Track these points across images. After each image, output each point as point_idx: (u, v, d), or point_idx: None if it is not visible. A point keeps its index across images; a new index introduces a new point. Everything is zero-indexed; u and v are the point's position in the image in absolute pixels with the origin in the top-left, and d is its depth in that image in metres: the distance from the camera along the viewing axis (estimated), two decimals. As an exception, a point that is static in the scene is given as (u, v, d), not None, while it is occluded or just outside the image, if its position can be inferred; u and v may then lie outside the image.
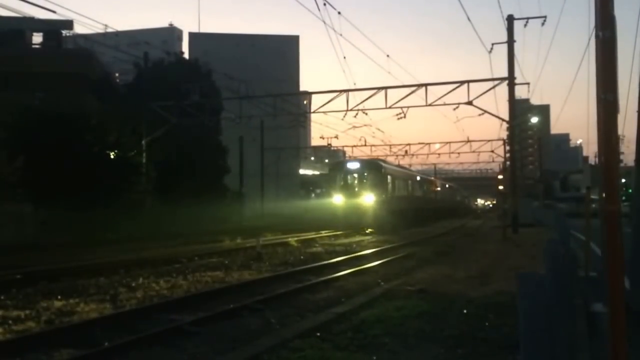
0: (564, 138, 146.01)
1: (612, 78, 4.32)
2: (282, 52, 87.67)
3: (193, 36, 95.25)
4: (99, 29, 27.09)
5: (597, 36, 4.36)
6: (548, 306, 3.10)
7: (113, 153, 28.43)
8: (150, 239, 22.21)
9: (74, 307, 9.12)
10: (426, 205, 45.01)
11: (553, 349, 3.14)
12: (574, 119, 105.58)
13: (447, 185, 64.99)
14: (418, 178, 45.16)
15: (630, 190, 9.88)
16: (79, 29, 77.77)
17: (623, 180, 34.00)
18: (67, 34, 37.65)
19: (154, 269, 13.92)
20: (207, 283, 11.87)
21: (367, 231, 29.14)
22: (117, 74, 38.61)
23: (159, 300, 9.75)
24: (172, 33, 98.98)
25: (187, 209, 29.07)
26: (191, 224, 28.00)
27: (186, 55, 47.82)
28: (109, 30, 25.27)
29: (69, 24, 34.76)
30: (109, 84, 32.73)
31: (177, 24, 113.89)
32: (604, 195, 4.30)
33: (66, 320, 8.26)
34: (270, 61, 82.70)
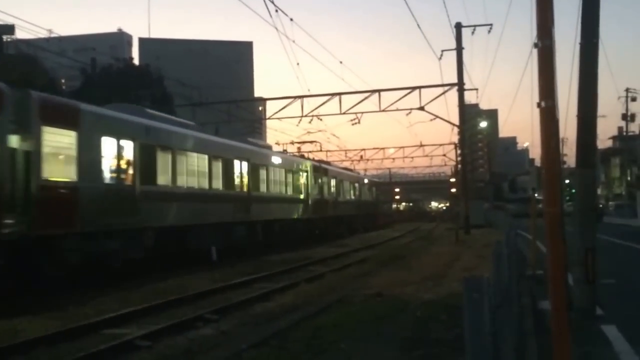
0: (512, 141, 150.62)
1: (550, 85, 4.50)
2: (235, 58, 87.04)
3: (143, 41, 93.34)
4: (42, 34, 26.26)
5: (536, 45, 4.55)
6: (493, 308, 3.19)
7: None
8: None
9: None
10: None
11: (498, 351, 3.23)
12: (521, 123, 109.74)
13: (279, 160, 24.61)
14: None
15: (574, 191, 10.32)
16: (20, 34, 75.22)
17: (567, 181, 35.46)
18: (8, 39, 36.24)
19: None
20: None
21: None
22: (63, 80, 37.46)
23: None
24: (121, 38, 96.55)
25: None
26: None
27: (136, 61, 46.82)
28: (53, 35, 24.49)
29: (9, 29, 33.47)
30: (55, 91, 31.72)
31: (126, 29, 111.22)
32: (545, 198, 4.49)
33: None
34: (223, 67, 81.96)
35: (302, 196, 25.98)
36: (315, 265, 17.49)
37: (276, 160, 23.35)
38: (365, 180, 43.13)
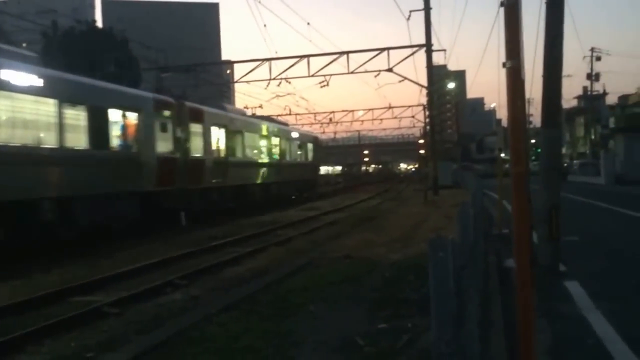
0: (479, 102, 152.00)
1: (516, 45, 4.44)
2: (201, 20, 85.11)
3: (107, 3, 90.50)
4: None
5: (502, 3, 4.47)
6: (458, 269, 3.21)
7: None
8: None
9: None
10: None
11: (463, 309, 3.27)
12: (488, 83, 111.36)
13: (48, 84, 11.99)
14: None
15: (539, 150, 10.45)
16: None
17: (533, 141, 36.08)
18: (-37, 2, 34.45)
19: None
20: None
21: None
22: (23, 45, 35.95)
23: None
24: (83, 0, 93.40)
25: None
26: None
27: (99, 24, 45.18)
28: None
29: (-36, -9, 31.84)
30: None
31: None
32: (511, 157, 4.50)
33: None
34: (189, 30, 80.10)
35: (126, 153, 15.11)
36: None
37: (31, 80, 11.51)
38: (295, 134, 30.69)
